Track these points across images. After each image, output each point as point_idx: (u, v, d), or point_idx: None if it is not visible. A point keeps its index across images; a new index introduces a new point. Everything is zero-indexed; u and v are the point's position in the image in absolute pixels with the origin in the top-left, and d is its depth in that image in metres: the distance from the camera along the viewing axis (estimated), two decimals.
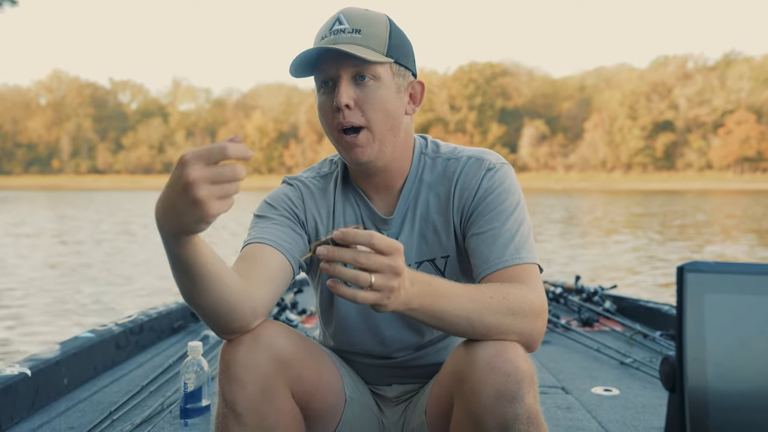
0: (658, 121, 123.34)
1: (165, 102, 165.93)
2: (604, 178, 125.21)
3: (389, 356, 1.58)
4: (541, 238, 14.98)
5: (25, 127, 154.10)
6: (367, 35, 1.37)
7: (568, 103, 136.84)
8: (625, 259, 11.78)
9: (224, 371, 1.29)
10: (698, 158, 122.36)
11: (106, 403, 2.57)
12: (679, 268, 0.85)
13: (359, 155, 1.39)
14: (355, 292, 1.08)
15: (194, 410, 2.12)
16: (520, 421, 1.17)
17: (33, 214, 24.92)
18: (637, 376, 2.99)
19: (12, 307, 6.85)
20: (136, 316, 3.56)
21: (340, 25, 1.38)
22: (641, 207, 32.96)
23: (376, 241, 1.06)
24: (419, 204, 1.51)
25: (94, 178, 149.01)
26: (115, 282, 8.63)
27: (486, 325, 1.22)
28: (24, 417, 2.42)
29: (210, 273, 1.17)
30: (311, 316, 4.25)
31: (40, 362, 2.59)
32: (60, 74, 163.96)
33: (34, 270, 9.70)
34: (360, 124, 1.38)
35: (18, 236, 15.32)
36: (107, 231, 17.44)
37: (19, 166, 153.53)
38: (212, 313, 1.24)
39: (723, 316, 0.85)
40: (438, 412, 1.39)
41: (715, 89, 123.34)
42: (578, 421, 2.40)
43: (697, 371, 0.84)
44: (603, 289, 4.58)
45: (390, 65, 1.41)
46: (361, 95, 1.37)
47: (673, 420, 0.86)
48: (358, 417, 1.55)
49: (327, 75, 1.38)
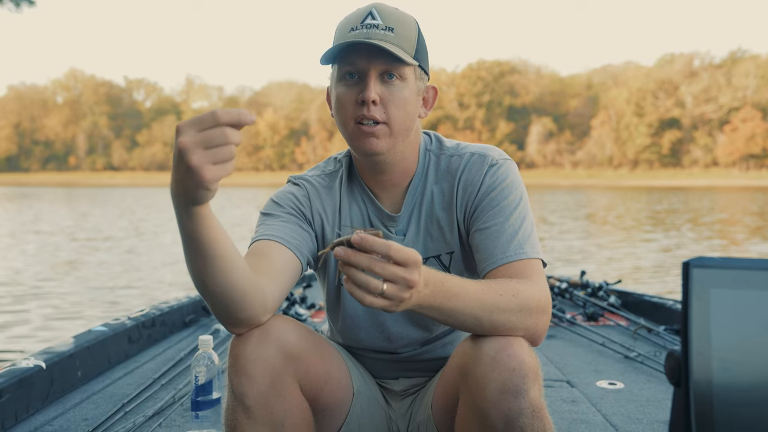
0: (665, 118, 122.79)
1: (179, 100, 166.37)
2: (611, 175, 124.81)
3: (395, 351, 1.57)
4: (568, 236, 14.77)
5: (43, 124, 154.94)
6: (399, 35, 1.36)
7: (576, 101, 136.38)
8: (659, 258, 11.15)
9: (234, 365, 1.28)
10: (704, 155, 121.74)
11: (119, 396, 2.58)
12: (684, 264, 0.84)
13: (373, 145, 1.38)
14: (364, 295, 1.06)
15: (205, 403, 2.13)
16: (525, 414, 1.16)
17: (50, 212, 25.02)
18: (642, 370, 2.98)
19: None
20: (149, 311, 3.58)
21: (372, 19, 1.36)
22: (664, 204, 32.03)
23: (393, 253, 1.05)
24: (424, 201, 1.50)
25: (109, 175, 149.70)
26: (132, 278, 8.66)
27: (494, 323, 1.21)
28: (39, 408, 2.43)
29: (221, 253, 1.16)
30: (320, 310, 4.26)
31: (54, 355, 2.60)
32: (76, 73, 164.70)
33: (50, 267, 9.75)
34: (382, 119, 1.37)
35: (39, 233, 15.41)
36: (126, 227, 17.50)
37: (37, 163, 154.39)
38: (222, 298, 1.22)
39: (728, 311, 0.84)
40: (444, 405, 1.39)
41: (721, 87, 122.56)
42: (583, 414, 2.38)
43: (702, 366, 0.83)
44: (608, 284, 4.57)
45: (414, 68, 1.40)
46: (386, 93, 1.36)
47: (678, 414, 0.85)
48: (366, 410, 1.54)
49: (355, 67, 1.36)
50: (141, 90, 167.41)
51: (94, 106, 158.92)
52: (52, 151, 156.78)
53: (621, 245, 13.10)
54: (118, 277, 8.56)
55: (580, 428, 2.25)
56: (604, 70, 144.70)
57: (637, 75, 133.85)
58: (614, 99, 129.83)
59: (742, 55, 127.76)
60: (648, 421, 2.32)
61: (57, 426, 2.28)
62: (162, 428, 2.22)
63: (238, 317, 1.26)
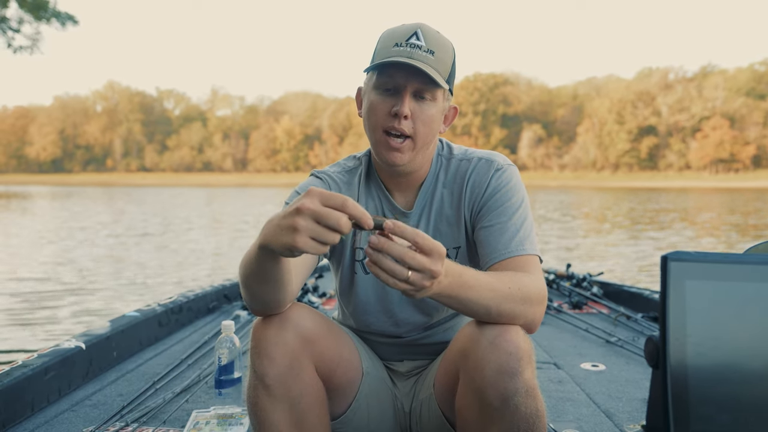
0: (643, 126, 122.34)
1: (204, 108, 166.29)
2: (594, 177, 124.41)
3: (401, 335, 1.57)
4: (572, 234, 14.41)
5: (84, 131, 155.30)
6: (438, 59, 1.35)
7: (563, 110, 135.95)
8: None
9: (256, 348, 1.28)
10: (678, 159, 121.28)
11: (150, 374, 2.59)
12: (663, 257, 0.84)
13: (397, 159, 1.38)
14: (388, 278, 1.04)
15: (227, 381, 2.13)
16: (519, 394, 1.16)
17: (91, 210, 25.08)
18: (622, 354, 2.97)
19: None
20: (176, 298, 3.58)
21: (417, 40, 1.34)
22: (655, 203, 31.13)
23: (420, 240, 1.03)
24: (435, 200, 1.49)
25: (142, 176, 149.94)
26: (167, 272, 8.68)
27: (500, 312, 1.20)
28: (79, 385, 2.44)
29: (280, 282, 1.18)
30: (331, 298, 4.26)
31: (93, 337, 2.61)
32: (114, 85, 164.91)
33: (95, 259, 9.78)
34: (409, 133, 1.36)
35: (85, 228, 15.44)
36: (160, 224, 17.53)
37: (78, 165, 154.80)
38: (262, 304, 1.24)
39: (702, 300, 0.84)
40: (445, 385, 1.38)
41: (693, 98, 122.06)
42: (569, 393, 2.38)
43: (678, 350, 0.83)
44: (591, 275, 4.56)
45: (444, 90, 1.39)
46: (417, 109, 1.35)
47: (656, 393, 0.85)
48: (374, 389, 1.54)
49: (394, 82, 1.35)
50: (171, 99, 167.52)
51: (129, 114, 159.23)
52: (92, 154, 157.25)
53: (626, 242, 13.01)
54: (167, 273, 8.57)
55: (566, 406, 2.25)
56: (588, 82, 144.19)
57: (618, 87, 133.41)
58: (597, 108, 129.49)
59: (712, 70, 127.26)
60: (627, 399, 2.32)
61: (95, 401, 2.28)
62: (189, 404, 2.22)
63: (268, 313, 1.28)
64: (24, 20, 26.10)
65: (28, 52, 27.10)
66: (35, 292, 6.58)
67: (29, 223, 16.47)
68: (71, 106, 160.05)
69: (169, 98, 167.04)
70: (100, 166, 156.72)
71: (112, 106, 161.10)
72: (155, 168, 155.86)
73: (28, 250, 10.33)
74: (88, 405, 2.24)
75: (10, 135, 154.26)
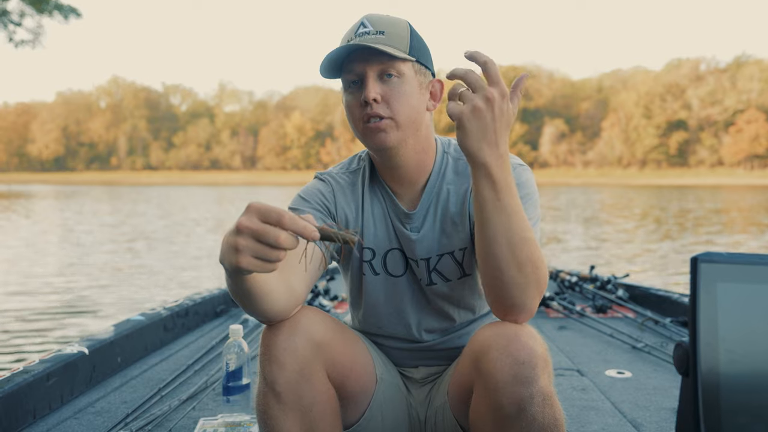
0: (672, 120, 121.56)
1: (212, 104, 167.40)
2: (620, 174, 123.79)
3: (415, 340, 1.57)
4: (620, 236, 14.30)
5: (87, 128, 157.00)
6: (391, 35, 1.37)
7: (587, 104, 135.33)
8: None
9: (265, 354, 1.28)
10: (710, 155, 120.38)
11: (156, 380, 2.60)
12: (692, 259, 0.83)
13: (383, 139, 1.38)
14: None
15: (235, 388, 2.14)
16: (536, 402, 1.16)
17: (97, 210, 25.28)
18: (649, 360, 2.95)
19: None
20: (182, 301, 3.60)
21: (364, 28, 1.37)
22: (685, 202, 30.50)
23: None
24: (440, 199, 1.49)
25: (148, 174, 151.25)
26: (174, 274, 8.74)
27: (515, 253, 1.19)
28: (83, 391, 2.46)
29: (261, 293, 1.18)
30: (342, 302, 4.26)
31: (96, 342, 2.63)
32: (118, 80, 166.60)
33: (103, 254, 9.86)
34: (386, 115, 1.36)
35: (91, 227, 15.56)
36: (168, 225, 17.65)
37: (82, 164, 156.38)
38: (260, 314, 1.25)
39: (735, 304, 0.83)
40: (459, 392, 1.38)
41: (726, 90, 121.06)
42: (593, 402, 2.36)
43: (709, 356, 0.82)
44: (616, 277, 4.53)
45: (412, 63, 1.40)
46: (387, 90, 1.36)
47: (686, 402, 0.84)
48: (388, 397, 1.54)
49: (354, 73, 1.37)
50: (177, 95, 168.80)
51: (134, 110, 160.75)
52: (96, 152, 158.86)
53: (655, 242, 12.93)
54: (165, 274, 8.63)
55: (590, 415, 2.23)
56: (613, 74, 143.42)
57: (646, 79, 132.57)
58: (623, 102, 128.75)
59: (746, 60, 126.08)
60: (655, 409, 2.30)
61: (99, 408, 2.30)
62: (195, 411, 2.23)
63: (269, 316, 1.27)
64: (25, 13, 26.32)
65: (30, 47, 27.33)
66: (38, 300, 6.64)
67: (32, 226, 16.59)
68: (74, 102, 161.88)
69: (175, 93, 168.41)
70: (104, 164, 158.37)
71: (117, 101, 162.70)
72: (161, 166, 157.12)
73: (33, 256, 10.41)
74: (91, 412, 2.25)
75: (11, 132, 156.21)
